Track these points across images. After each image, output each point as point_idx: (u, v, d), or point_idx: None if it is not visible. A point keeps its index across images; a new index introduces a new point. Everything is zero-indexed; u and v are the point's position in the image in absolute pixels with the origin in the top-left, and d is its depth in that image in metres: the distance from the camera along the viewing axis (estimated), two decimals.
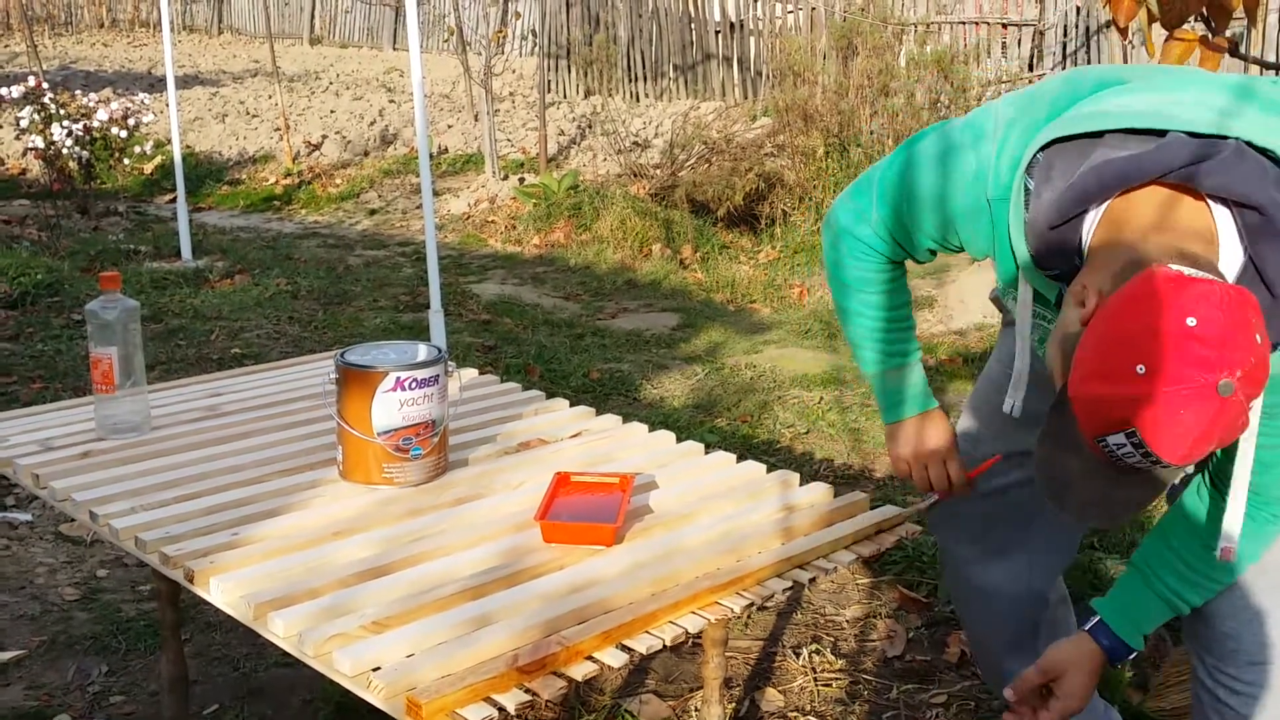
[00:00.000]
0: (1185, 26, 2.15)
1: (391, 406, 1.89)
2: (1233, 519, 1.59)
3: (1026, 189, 1.55)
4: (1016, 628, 2.11)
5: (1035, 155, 1.54)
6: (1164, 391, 1.28)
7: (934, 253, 1.83)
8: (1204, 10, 2.20)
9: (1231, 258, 1.43)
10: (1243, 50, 2.39)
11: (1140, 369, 1.29)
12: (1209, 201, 1.43)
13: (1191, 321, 1.28)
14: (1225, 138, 1.43)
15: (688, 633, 1.60)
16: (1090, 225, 1.48)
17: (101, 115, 7.35)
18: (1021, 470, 2.00)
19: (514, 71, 13.03)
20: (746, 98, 10.71)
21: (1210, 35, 2.17)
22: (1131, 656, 1.73)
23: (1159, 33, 2.21)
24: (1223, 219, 1.43)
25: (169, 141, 7.55)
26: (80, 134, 7.25)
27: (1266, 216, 1.40)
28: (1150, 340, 1.29)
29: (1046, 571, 2.10)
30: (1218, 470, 1.63)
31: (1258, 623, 1.72)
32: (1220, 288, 1.31)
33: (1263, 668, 1.74)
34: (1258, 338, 1.31)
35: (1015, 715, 1.73)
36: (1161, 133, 1.45)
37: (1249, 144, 1.43)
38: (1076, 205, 1.47)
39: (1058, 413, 1.42)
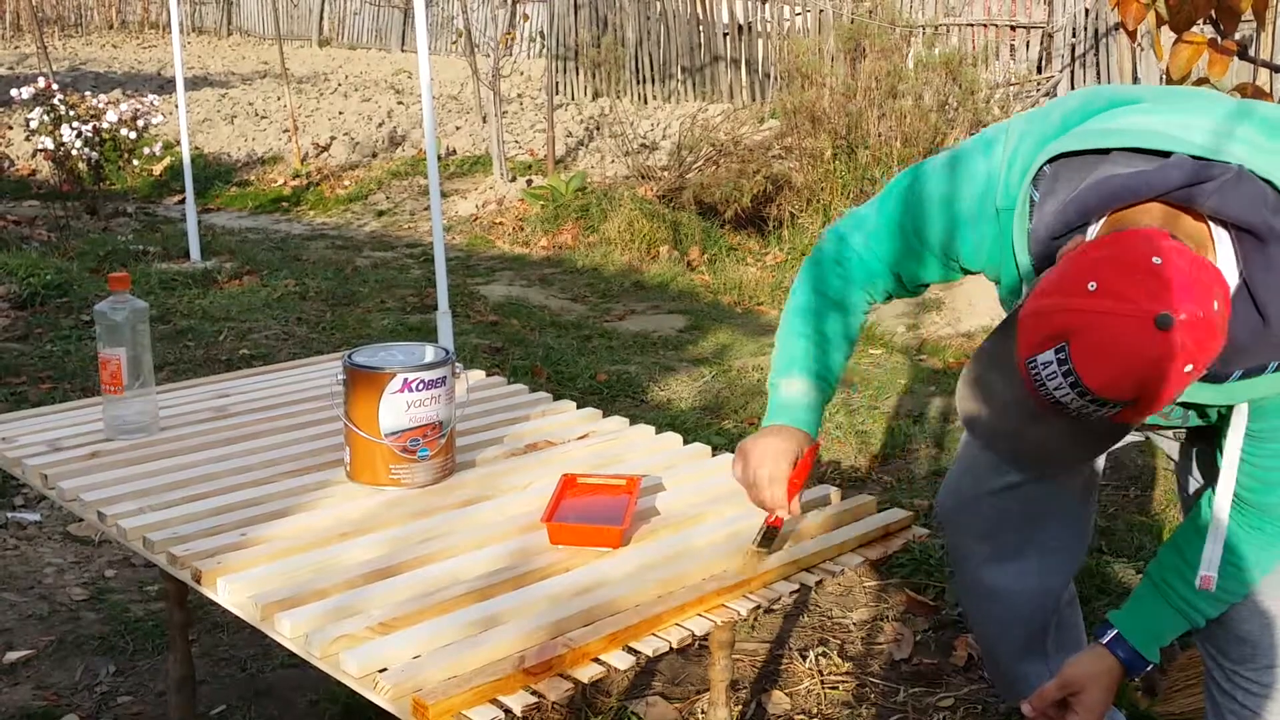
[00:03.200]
0: (1194, 29, 2.15)
1: (399, 408, 1.90)
2: (1212, 550, 1.63)
3: (1031, 200, 1.56)
4: (1027, 628, 2.10)
5: (1042, 167, 1.55)
6: (1106, 307, 1.31)
7: (918, 282, 1.82)
8: (1212, 13, 2.20)
9: (1228, 279, 1.44)
10: (1251, 53, 2.38)
11: (1092, 285, 1.32)
12: (1209, 223, 1.45)
13: (1157, 260, 1.32)
14: (1228, 162, 1.44)
15: (694, 635, 1.60)
16: (1090, 238, 1.49)
17: (111, 116, 7.37)
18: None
19: (522, 73, 13.05)
20: (754, 100, 10.71)
21: (1219, 38, 2.17)
22: (1149, 669, 1.73)
23: (1168, 35, 2.21)
24: (1222, 241, 1.45)
25: (178, 143, 7.56)
26: (89, 135, 7.27)
27: (1262, 240, 1.42)
28: (1111, 265, 1.33)
29: (1058, 571, 2.09)
30: (1258, 487, 1.63)
31: (1276, 626, 1.72)
32: (1196, 254, 1.34)
33: (1274, 670, 1.75)
34: (1215, 304, 1.33)
35: None
36: (1167, 153, 1.46)
37: (1251, 171, 1.44)
38: (1078, 218, 1.48)
39: (1001, 332, 1.45)
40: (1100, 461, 2.04)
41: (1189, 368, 1.33)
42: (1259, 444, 1.59)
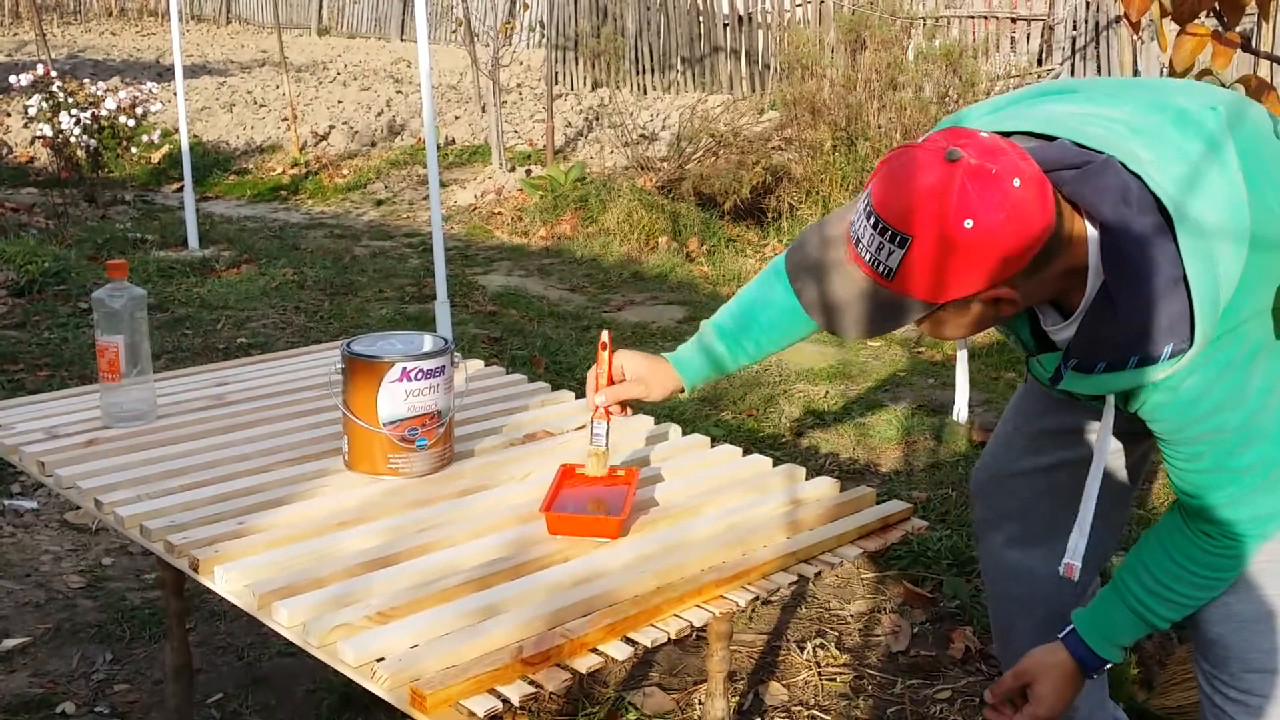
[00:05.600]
0: (1197, 21, 2.14)
1: (397, 397, 1.89)
2: (1077, 539, 1.69)
3: None
4: (1046, 611, 2.07)
5: None
6: (914, 146, 1.44)
7: None
8: (1216, 5, 2.19)
9: (1095, 275, 1.48)
10: (1254, 45, 2.38)
11: (919, 139, 1.45)
12: (1085, 218, 1.48)
13: (985, 134, 1.44)
14: (1102, 152, 1.47)
15: (692, 626, 1.60)
16: None
17: (109, 104, 7.34)
18: (1065, 450, 1.99)
19: (521, 63, 13.02)
20: (754, 91, 10.70)
21: (1222, 30, 2.16)
22: (1106, 667, 1.73)
23: (1171, 27, 2.20)
24: (1092, 235, 1.48)
25: (176, 131, 7.55)
26: (88, 122, 7.25)
27: (1110, 233, 1.45)
28: (946, 132, 1.46)
29: (1089, 556, 2.08)
30: (1183, 494, 1.63)
31: (1246, 629, 1.72)
32: (1019, 147, 1.44)
33: (1261, 676, 1.74)
34: (1016, 181, 1.38)
35: (995, 714, 1.77)
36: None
37: (1123, 164, 1.46)
38: None
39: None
40: (1133, 460, 2.02)
41: (969, 223, 1.37)
42: (1171, 447, 1.59)
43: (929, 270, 1.41)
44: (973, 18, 9.51)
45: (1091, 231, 1.48)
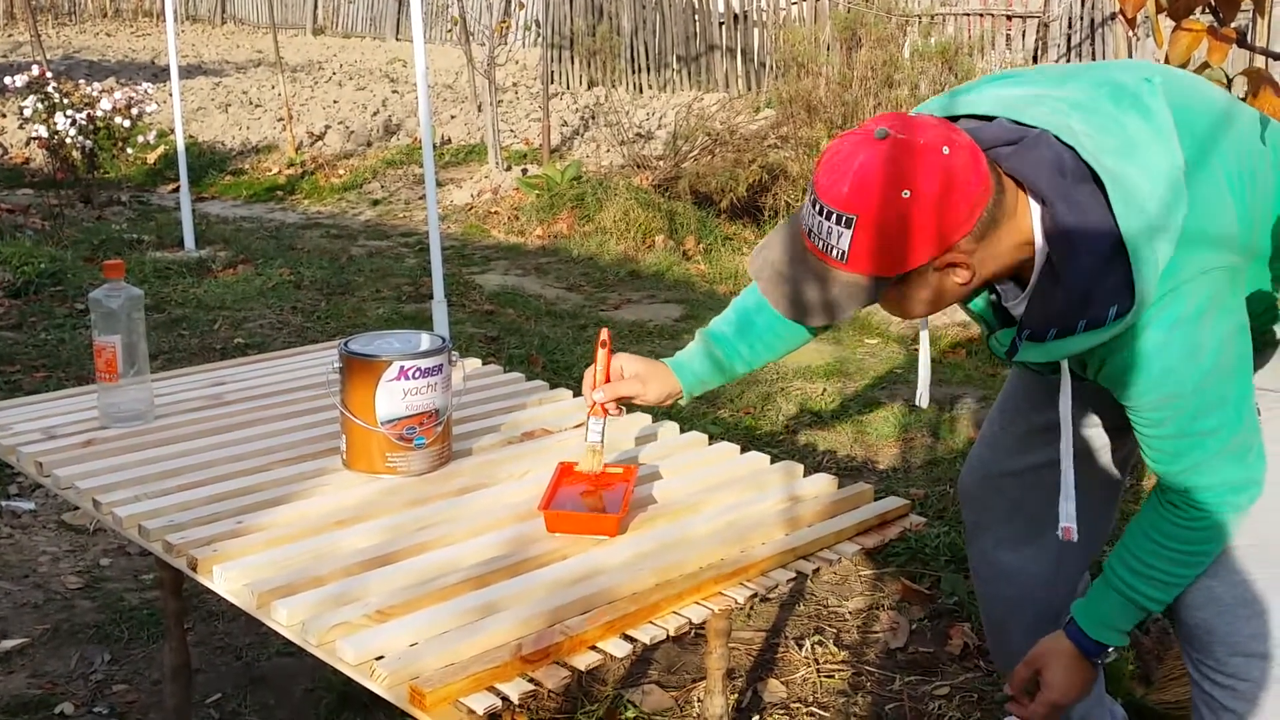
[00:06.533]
0: (1192, 17, 2.14)
1: (395, 395, 1.89)
2: (1065, 504, 1.73)
3: None
4: (1037, 611, 2.09)
5: None
6: (848, 134, 1.52)
7: None
8: (1211, 1, 2.19)
9: (1041, 247, 1.55)
10: (1249, 40, 2.38)
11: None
12: (1026, 191, 1.54)
13: (912, 113, 1.51)
14: (1034, 126, 1.55)
15: (691, 623, 1.60)
16: None
17: (105, 104, 7.33)
18: (1053, 448, 1.99)
19: (517, 62, 13.02)
20: (750, 89, 10.70)
21: (1218, 25, 2.16)
22: (1107, 651, 1.76)
23: (1166, 23, 2.20)
24: (1033, 207, 1.54)
25: (172, 131, 7.54)
26: (84, 123, 7.24)
27: (1049, 204, 1.51)
28: (877, 117, 1.53)
29: (1075, 559, 2.09)
30: (1154, 465, 1.67)
31: (1229, 613, 1.74)
32: (950, 124, 1.52)
33: (1248, 660, 1.75)
34: (945, 149, 1.46)
35: (1017, 705, 1.82)
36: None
37: (1057, 137, 1.53)
38: None
39: None
40: (1120, 456, 2.03)
41: (906, 193, 1.45)
42: (1137, 414, 1.63)
43: (878, 245, 1.48)
44: (968, 15, 9.51)
45: (1034, 205, 1.54)
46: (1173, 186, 1.51)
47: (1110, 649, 1.76)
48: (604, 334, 1.93)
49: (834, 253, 1.51)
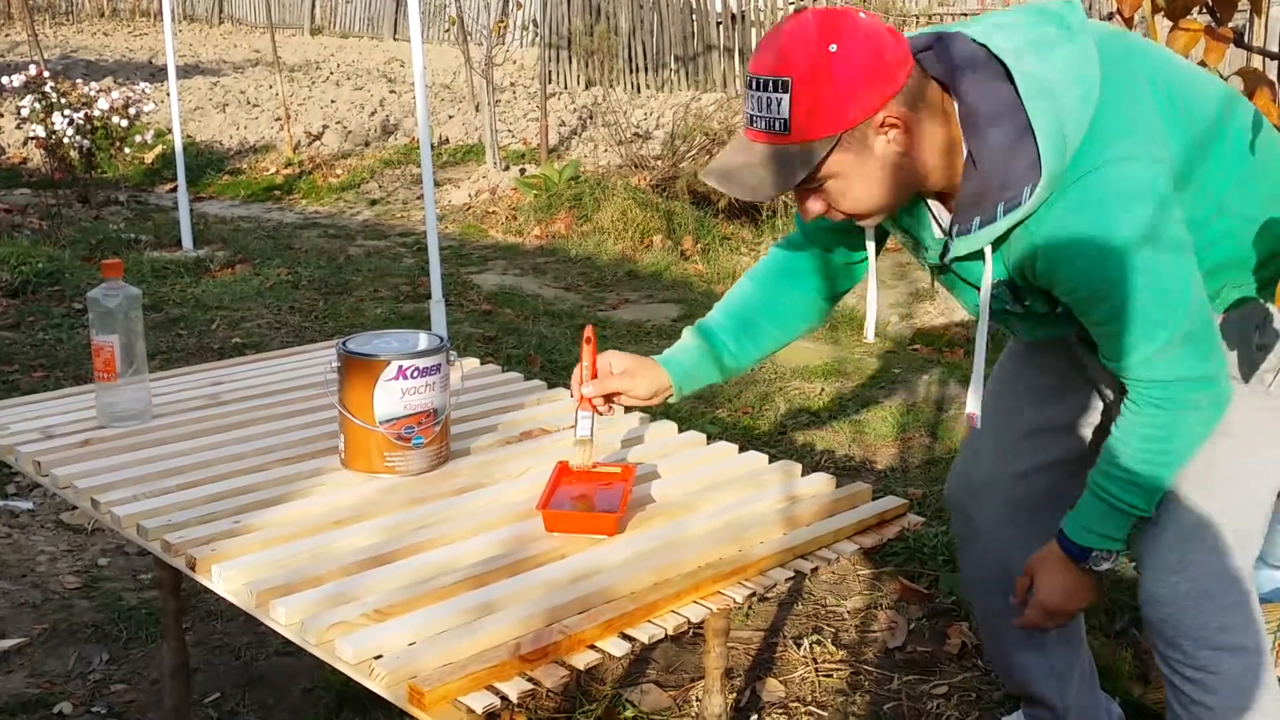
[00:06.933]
0: (1190, 16, 2.14)
1: (394, 395, 1.89)
2: (973, 393, 1.80)
3: None
4: None
5: None
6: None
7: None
8: (1209, 1, 2.19)
9: (965, 146, 1.65)
10: (1246, 40, 2.38)
11: None
12: (954, 99, 1.65)
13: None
14: (952, 31, 1.68)
15: (689, 622, 1.60)
16: None
17: (102, 104, 7.33)
18: (1040, 453, 2.03)
19: (515, 62, 13.01)
20: None
21: (1215, 25, 2.16)
22: (1090, 554, 1.77)
23: (1163, 24, 2.20)
24: (957, 110, 1.65)
25: (170, 131, 7.53)
26: (81, 123, 7.23)
27: (963, 99, 1.62)
28: None
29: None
30: (1107, 364, 1.72)
31: (1193, 606, 1.78)
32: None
33: (1215, 653, 1.79)
34: (862, 15, 1.59)
35: (1020, 619, 1.89)
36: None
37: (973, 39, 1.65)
38: None
39: None
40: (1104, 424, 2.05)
41: (833, 46, 1.54)
42: (1079, 306, 1.67)
43: (815, 100, 1.55)
44: (965, 15, 9.51)
45: (959, 107, 1.63)
46: (1082, 78, 1.60)
47: (1094, 553, 1.77)
48: (588, 331, 1.93)
49: (776, 125, 1.58)
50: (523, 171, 8.37)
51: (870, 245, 1.89)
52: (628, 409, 2.01)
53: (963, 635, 2.74)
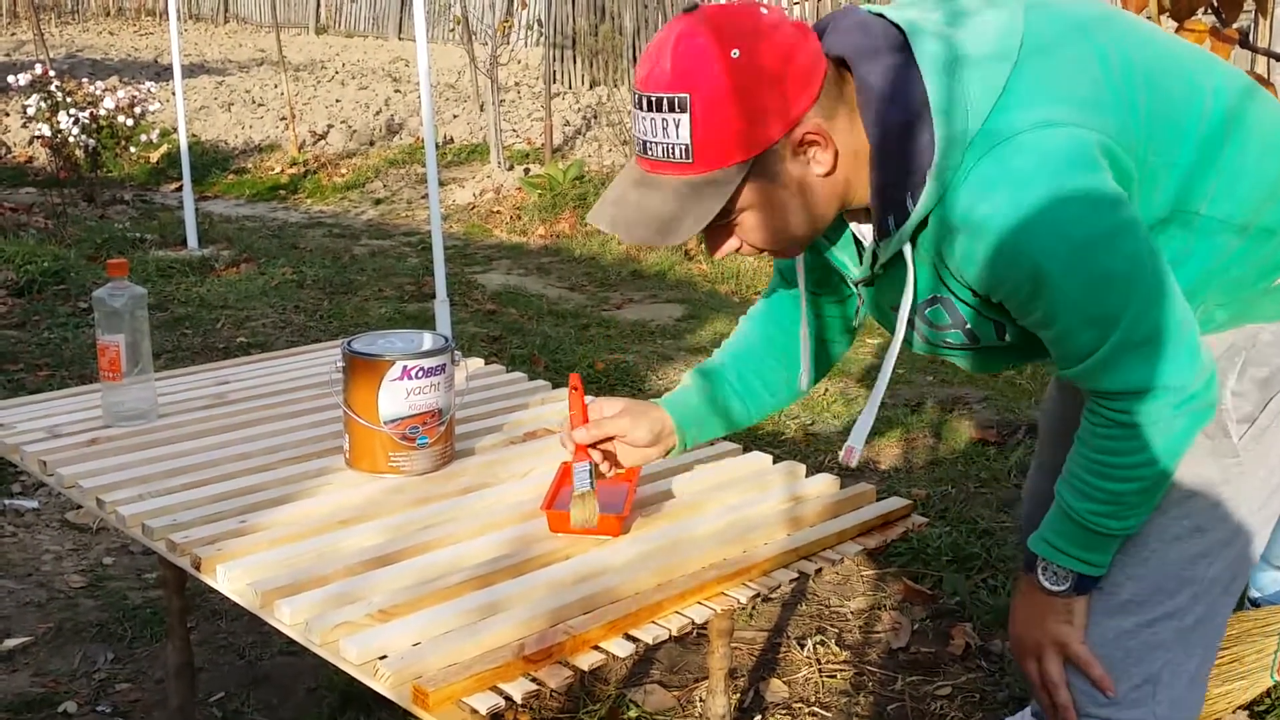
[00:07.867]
0: (1195, 17, 2.15)
1: (398, 395, 1.90)
2: (860, 425, 1.69)
3: None
4: None
5: None
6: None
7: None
8: (1214, 1, 2.20)
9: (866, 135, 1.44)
10: (1251, 41, 2.38)
11: None
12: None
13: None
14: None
15: (693, 623, 1.60)
16: None
17: (108, 103, 7.34)
18: None
19: (519, 62, 13.01)
20: None
21: (1220, 26, 2.16)
22: (1039, 565, 1.58)
23: (1168, 25, 2.20)
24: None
25: (175, 130, 7.54)
26: (87, 122, 7.24)
27: (861, 80, 1.40)
28: None
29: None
30: (1065, 373, 1.52)
31: (1132, 656, 1.60)
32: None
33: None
34: (764, 10, 1.38)
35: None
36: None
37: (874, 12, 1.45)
38: None
39: None
40: None
41: (735, 52, 1.33)
42: (1016, 307, 1.45)
43: (721, 119, 1.34)
44: None
45: (857, 93, 1.43)
46: (1000, 46, 1.39)
47: (1040, 562, 1.58)
48: (574, 379, 1.76)
49: (677, 152, 1.36)
50: (527, 171, 8.38)
51: (800, 276, 1.69)
52: (628, 473, 1.82)
53: (966, 636, 2.74)
